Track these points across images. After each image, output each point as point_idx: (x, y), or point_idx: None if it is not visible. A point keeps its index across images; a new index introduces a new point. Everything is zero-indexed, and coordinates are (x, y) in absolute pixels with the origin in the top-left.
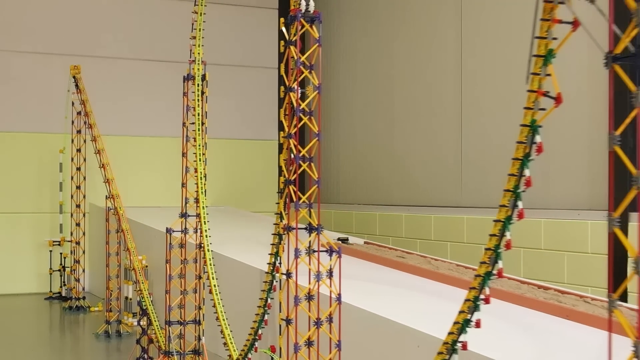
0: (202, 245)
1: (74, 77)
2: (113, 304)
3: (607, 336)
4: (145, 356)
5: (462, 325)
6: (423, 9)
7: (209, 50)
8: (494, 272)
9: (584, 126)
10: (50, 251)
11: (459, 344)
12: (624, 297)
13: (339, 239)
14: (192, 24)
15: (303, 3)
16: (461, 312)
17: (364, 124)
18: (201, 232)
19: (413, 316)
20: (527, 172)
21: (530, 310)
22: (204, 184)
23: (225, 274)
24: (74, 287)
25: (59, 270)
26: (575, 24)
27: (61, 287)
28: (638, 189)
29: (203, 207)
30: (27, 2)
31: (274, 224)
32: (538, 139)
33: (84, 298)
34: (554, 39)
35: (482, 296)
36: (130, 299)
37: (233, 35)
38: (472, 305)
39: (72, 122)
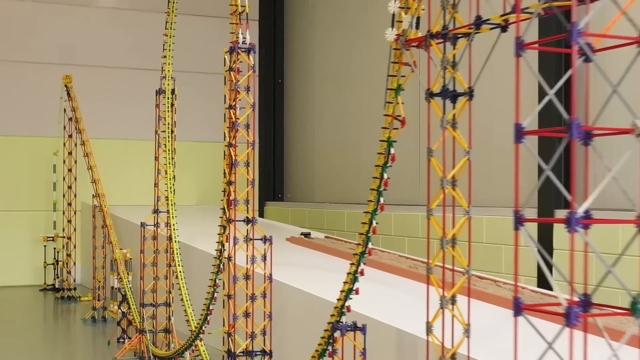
0: (171, 237)
1: (65, 85)
2: (99, 293)
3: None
4: (125, 336)
5: (347, 293)
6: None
7: (197, 59)
8: (366, 251)
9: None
10: (45, 246)
11: (345, 308)
12: (548, 285)
13: (301, 234)
14: (163, 45)
15: (241, 37)
16: (345, 282)
17: (335, 131)
18: (169, 226)
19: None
20: (385, 176)
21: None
22: (173, 184)
23: (192, 262)
24: (66, 280)
25: (53, 263)
26: (414, 65)
27: (55, 279)
28: (443, 189)
29: (172, 204)
30: (25, 16)
31: (220, 217)
32: (392, 150)
33: (74, 289)
34: (402, 76)
35: (359, 270)
36: (116, 289)
37: (220, 46)
38: (353, 277)
39: (64, 127)
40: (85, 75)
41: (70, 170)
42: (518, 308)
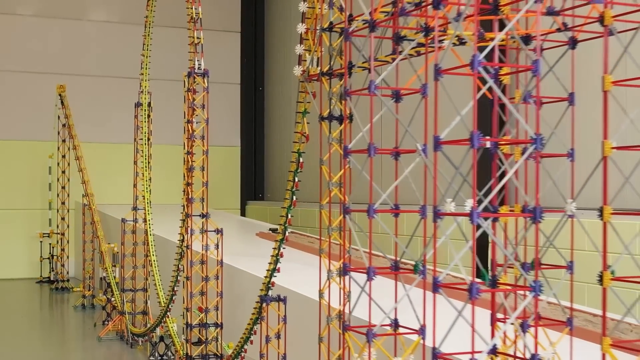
0: (147, 231)
1: (59, 94)
2: (89, 283)
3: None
4: (109, 319)
5: (271, 272)
6: None
7: (184, 69)
8: (284, 238)
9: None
10: (41, 242)
11: (270, 284)
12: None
13: (270, 229)
14: (141, 64)
15: (196, 64)
16: (270, 263)
17: (310, 134)
18: (146, 221)
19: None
20: (296, 179)
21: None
22: (149, 185)
23: (169, 253)
24: (60, 272)
25: (48, 258)
26: (314, 95)
27: (50, 272)
28: (329, 190)
29: (148, 202)
30: (23, 29)
31: (181, 213)
32: (301, 160)
33: (68, 280)
34: (308, 102)
35: (279, 253)
36: (102, 278)
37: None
38: (275, 259)
39: (58, 133)
40: (78, 84)
41: (64, 172)
42: (345, 270)
